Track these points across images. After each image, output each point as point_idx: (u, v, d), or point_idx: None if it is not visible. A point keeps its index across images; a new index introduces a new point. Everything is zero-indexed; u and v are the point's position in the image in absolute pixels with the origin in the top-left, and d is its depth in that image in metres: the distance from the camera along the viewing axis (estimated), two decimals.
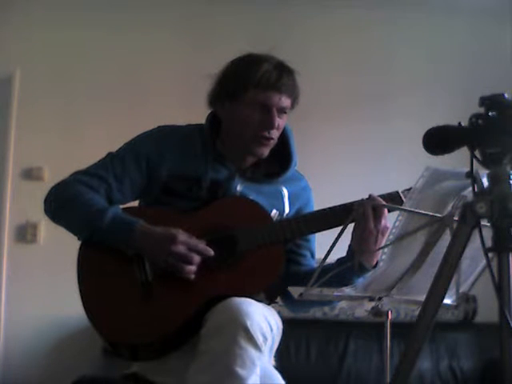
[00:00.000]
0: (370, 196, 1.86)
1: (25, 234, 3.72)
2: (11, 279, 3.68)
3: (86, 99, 3.82)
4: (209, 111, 2.07)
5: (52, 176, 3.61)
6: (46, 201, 1.97)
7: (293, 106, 1.99)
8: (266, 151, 1.98)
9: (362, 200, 1.84)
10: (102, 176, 1.94)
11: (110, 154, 2.00)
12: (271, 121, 1.93)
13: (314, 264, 2.08)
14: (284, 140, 2.04)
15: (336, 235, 1.48)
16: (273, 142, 1.98)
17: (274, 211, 2.00)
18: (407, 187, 1.92)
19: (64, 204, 1.92)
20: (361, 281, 1.77)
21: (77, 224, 1.91)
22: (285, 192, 2.04)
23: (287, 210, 2.03)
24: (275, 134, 1.96)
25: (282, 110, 1.95)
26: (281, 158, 2.05)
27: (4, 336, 3.65)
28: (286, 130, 2.03)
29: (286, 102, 1.94)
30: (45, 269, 3.60)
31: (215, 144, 2.01)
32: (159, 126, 2.05)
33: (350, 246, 1.89)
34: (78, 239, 1.92)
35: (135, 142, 2.02)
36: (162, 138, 2.00)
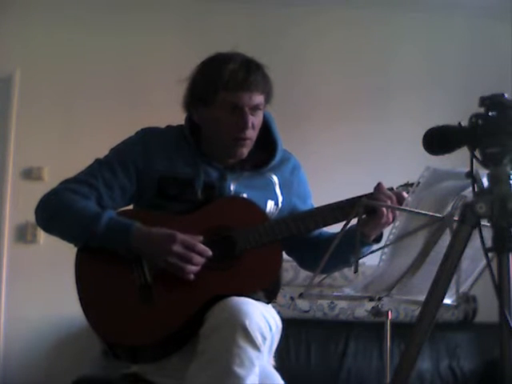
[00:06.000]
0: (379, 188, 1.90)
1: (25, 234, 3.72)
2: (11, 279, 3.68)
3: (86, 99, 3.82)
4: None
5: (52, 176, 3.61)
6: (37, 211, 1.95)
7: (267, 101, 1.96)
8: (244, 151, 1.97)
9: (372, 194, 1.87)
10: (92, 183, 1.92)
11: (97, 161, 1.99)
12: (244, 121, 1.91)
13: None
14: (266, 126, 2.02)
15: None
16: (250, 142, 1.96)
17: (270, 202, 2.00)
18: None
19: (57, 213, 1.90)
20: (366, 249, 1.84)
21: (72, 231, 1.90)
22: (275, 180, 2.03)
23: (280, 198, 2.03)
24: (251, 133, 1.94)
25: (255, 108, 1.92)
26: (266, 145, 2.03)
27: (4, 336, 3.65)
28: (265, 116, 2.00)
29: (257, 99, 1.92)
30: (45, 269, 3.60)
31: (199, 146, 2.00)
32: (143, 129, 2.03)
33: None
34: (75, 246, 1.91)
35: (121, 147, 2.00)
36: (148, 142, 1.98)
